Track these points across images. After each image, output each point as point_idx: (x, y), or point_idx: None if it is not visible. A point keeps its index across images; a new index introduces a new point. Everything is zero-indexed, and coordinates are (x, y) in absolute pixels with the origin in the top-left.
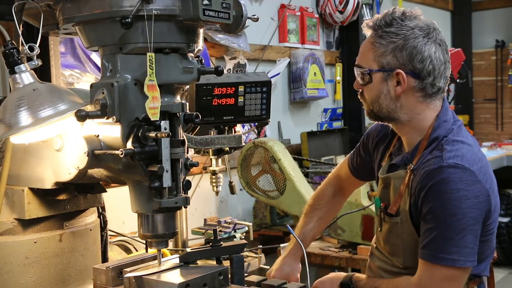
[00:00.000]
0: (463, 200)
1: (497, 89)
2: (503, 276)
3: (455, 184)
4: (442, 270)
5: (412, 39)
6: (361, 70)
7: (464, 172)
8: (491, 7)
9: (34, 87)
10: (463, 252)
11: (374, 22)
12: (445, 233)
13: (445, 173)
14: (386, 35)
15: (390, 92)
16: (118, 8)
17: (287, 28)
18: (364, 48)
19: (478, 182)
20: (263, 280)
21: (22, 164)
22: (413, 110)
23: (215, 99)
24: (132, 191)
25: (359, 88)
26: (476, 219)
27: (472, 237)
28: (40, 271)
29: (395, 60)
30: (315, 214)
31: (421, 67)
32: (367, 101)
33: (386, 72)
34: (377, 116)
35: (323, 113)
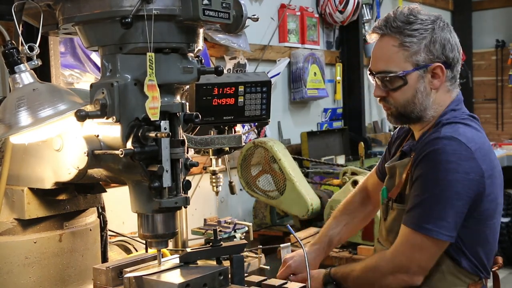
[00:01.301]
0: (451, 173)
1: (497, 89)
2: (503, 276)
3: (447, 156)
4: (416, 237)
5: (439, 31)
6: (391, 75)
7: (459, 145)
8: (491, 7)
9: (34, 87)
10: (439, 224)
11: (390, 24)
12: (428, 202)
13: (439, 143)
14: (415, 32)
15: (426, 89)
16: (118, 8)
17: (287, 28)
18: (388, 52)
19: (472, 160)
20: (263, 280)
21: (22, 164)
22: (440, 103)
23: (215, 99)
24: (132, 191)
25: (382, 94)
26: (460, 194)
27: (452, 212)
28: (40, 271)
29: (430, 54)
30: (343, 219)
31: (452, 55)
32: (398, 105)
33: (422, 69)
34: (408, 118)
35: (323, 113)
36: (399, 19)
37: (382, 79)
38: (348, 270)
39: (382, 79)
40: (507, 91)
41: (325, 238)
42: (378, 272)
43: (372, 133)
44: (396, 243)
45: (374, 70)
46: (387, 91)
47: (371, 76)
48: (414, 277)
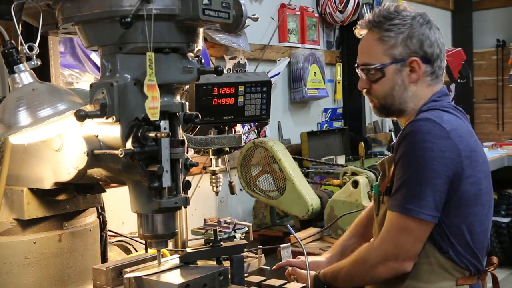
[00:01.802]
0: (426, 151)
1: (497, 89)
2: (503, 277)
3: (422, 135)
4: (400, 220)
5: (418, 27)
6: (370, 67)
7: (434, 125)
8: (492, 6)
9: (33, 87)
10: (419, 204)
11: (373, 20)
12: (406, 183)
13: (415, 125)
14: (393, 27)
15: (404, 82)
16: (118, 7)
17: (287, 27)
18: (368, 46)
19: (447, 139)
20: (263, 281)
21: (21, 164)
22: (421, 96)
23: (215, 99)
24: (132, 191)
25: (365, 87)
26: (437, 173)
27: (431, 190)
28: (40, 272)
29: (407, 49)
30: (357, 230)
31: (431, 51)
32: (378, 97)
33: (399, 63)
34: (389, 110)
35: (323, 113)
36: (381, 15)
37: (364, 72)
38: (337, 269)
39: (365, 72)
40: (508, 91)
41: (338, 248)
42: (367, 263)
43: (372, 133)
44: (382, 231)
45: (359, 63)
46: (369, 83)
47: (357, 69)
48: (404, 263)
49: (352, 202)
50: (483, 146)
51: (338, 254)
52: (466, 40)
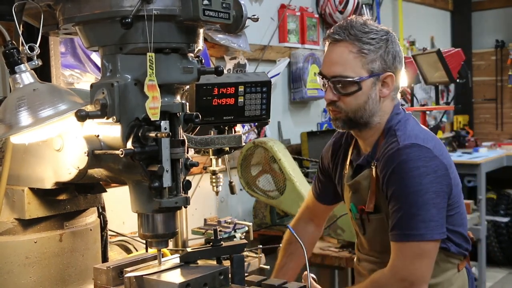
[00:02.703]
0: (423, 176)
1: (497, 89)
2: (503, 276)
3: (414, 162)
4: (412, 247)
5: (391, 43)
6: (346, 80)
7: (420, 149)
8: (491, 7)
9: (34, 87)
10: (430, 226)
11: (348, 31)
12: (410, 211)
13: (403, 154)
14: (372, 41)
15: (377, 96)
16: (118, 8)
17: (287, 28)
18: (344, 57)
19: (435, 158)
20: (263, 280)
21: (22, 164)
22: (385, 110)
23: (215, 99)
24: (132, 191)
25: (334, 99)
26: (438, 193)
27: (436, 210)
28: (40, 271)
29: (383, 64)
30: (286, 251)
31: (400, 67)
32: (348, 110)
33: (375, 76)
34: (356, 123)
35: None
36: (356, 28)
37: (335, 83)
38: None
39: (336, 84)
40: (507, 91)
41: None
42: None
43: None
44: (393, 260)
45: (328, 74)
46: (339, 95)
47: (322, 80)
48: (420, 287)
49: None
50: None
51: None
52: (465, 41)
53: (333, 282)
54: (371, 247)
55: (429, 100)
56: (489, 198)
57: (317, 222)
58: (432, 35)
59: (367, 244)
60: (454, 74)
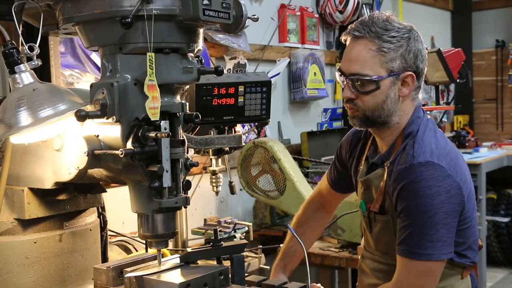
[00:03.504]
0: (435, 196)
1: (497, 89)
2: (503, 276)
3: (427, 182)
4: (419, 265)
5: (413, 41)
6: (365, 79)
7: (434, 168)
8: (491, 7)
9: (34, 87)
10: (437, 246)
11: (369, 28)
12: (420, 230)
13: (416, 172)
14: (393, 39)
15: (396, 95)
16: (118, 8)
17: (287, 28)
18: (363, 55)
19: (448, 177)
20: (263, 280)
21: (22, 164)
22: (405, 110)
23: (215, 99)
24: (132, 191)
25: (352, 96)
26: (449, 213)
27: (445, 230)
28: (40, 271)
29: (404, 63)
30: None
31: (422, 66)
32: (366, 108)
33: (394, 76)
34: (373, 122)
35: (323, 113)
36: (377, 25)
37: (354, 81)
38: None
39: (354, 82)
40: (507, 91)
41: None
42: None
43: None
44: (398, 276)
45: (347, 71)
46: (357, 94)
47: (341, 77)
48: None
49: (351, 202)
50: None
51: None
52: (465, 40)
53: (333, 282)
54: (376, 246)
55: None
56: (489, 198)
57: (328, 208)
58: (432, 35)
59: (373, 243)
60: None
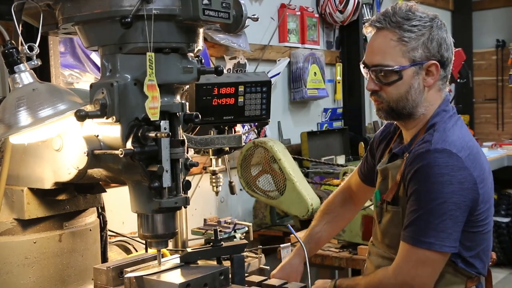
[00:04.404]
0: (446, 185)
1: (497, 89)
2: (503, 276)
3: (440, 169)
4: (419, 253)
5: (437, 29)
6: (387, 69)
7: (450, 157)
8: (492, 6)
9: (33, 87)
10: (440, 236)
11: (390, 19)
12: (426, 217)
13: (431, 157)
14: (414, 28)
15: (420, 85)
16: (118, 7)
17: (287, 28)
18: (384, 46)
19: (464, 169)
20: (263, 280)
21: (21, 164)
22: (430, 101)
23: (215, 99)
24: (132, 191)
25: (376, 88)
26: (458, 205)
27: (452, 222)
28: (40, 272)
29: (426, 52)
30: (323, 218)
31: (447, 55)
32: (390, 99)
33: (417, 65)
34: (399, 114)
35: (323, 113)
36: (398, 15)
37: (376, 72)
38: (352, 284)
39: (377, 73)
40: (508, 91)
41: (306, 238)
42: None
43: (372, 133)
44: (398, 261)
45: (369, 63)
46: (380, 85)
47: (365, 69)
48: None
49: None
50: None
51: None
52: (466, 40)
53: None
54: (382, 239)
55: None
56: None
57: (356, 201)
58: None
59: (380, 236)
60: (455, 74)
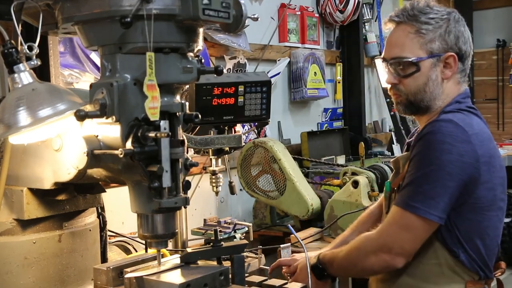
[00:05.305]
0: (444, 153)
1: (498, 89)
2: (504, 277)
3: (443, 137)
4: (404, 216)
5: (454, 22)
6: (405, 61)
7: (456, 128)
8: (492, 6)
9: (33, 87)
10: (427, 203)
11: (407, 13)
12: (418, 180)
13: (436, 126)
14: (431, 20)
15: (438, 78)
16: (118, 7)
17: (287, 27)
18: (402, 38)
19: (468, 143)
20: (264, 280)
21: (21, 164)
22: (448, 94)
23: (215, 99)
24: (132, 191)
25: (394, 81)
26: (453, 175)
27: (442, 191)
28: (39, 272)
29: (444, 44)
30: (358, 227)
31: (465, 48)
32: (409, 92)
33: (435, 57)
34: (417, 107)
35: (323, 113)
36: (416, 9)
37: (395, 65)
38: (335, 253)
39: (395, 66)
40: (508, 91)
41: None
42: (362, 251)
43: (372, 133)
44: (383, 223)
45: (388, 57)
46: (399, 78)
47: (384, 63)
48: (396, 258)
49: (352, 202)
50: None
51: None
52: None
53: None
54: None
55: None
56: None
57: None
58: None
59: None
60: None
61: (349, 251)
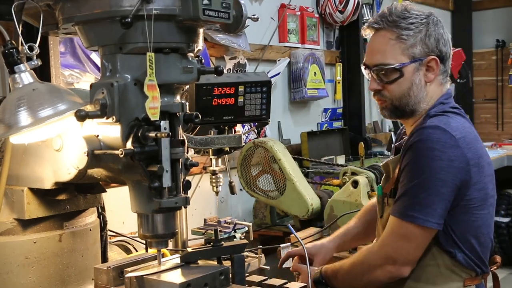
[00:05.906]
0: (435, 160)
1: (497, 89)
2: (503, 276)
3: (432, 144)
4: (403, 226)
5: (433, 25)
6: (388, 68)
7: (443, 134)
8: (492, 6)
9: (33, 87)
10: (424, 211)
11: (386, 19)
12: (412, 190)
13: (424, 133)
14: (411, 25)
15: (421, 81)
16: (118, 7)
17: (287, 28)
18: (383, 45)
19: (456, 147)
20: (264, 280)
21: (21, 164)
22: (432, 96)
23: (215, 99)
24: (132, 191)
25: (378, 88)
26: (445, 182)
27: (437, 199)
28: (40, 272)
29: (425, 48)
30: (362, 216)
31: (445, 50)
32: (393, 97)
33: (417, 62)
34: (402, 111)
35: (323, 113)
36: (394, 14)
37: (378, 72)
38: (337, 266)
39: (378, 72)
40: (507, 91)
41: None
42: (366, 265)
43: (372, 133)
44: (383, 235)
45: (370, 64)
46: (382, 84)
47: (366, 70)
48: (401, 268)
49: (352, 202)
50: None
51: (340, 235)
52: (465, 40)
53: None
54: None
55: None
56: None
57: None
58: None
59: (382, 230)
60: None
61: (352, 265)
